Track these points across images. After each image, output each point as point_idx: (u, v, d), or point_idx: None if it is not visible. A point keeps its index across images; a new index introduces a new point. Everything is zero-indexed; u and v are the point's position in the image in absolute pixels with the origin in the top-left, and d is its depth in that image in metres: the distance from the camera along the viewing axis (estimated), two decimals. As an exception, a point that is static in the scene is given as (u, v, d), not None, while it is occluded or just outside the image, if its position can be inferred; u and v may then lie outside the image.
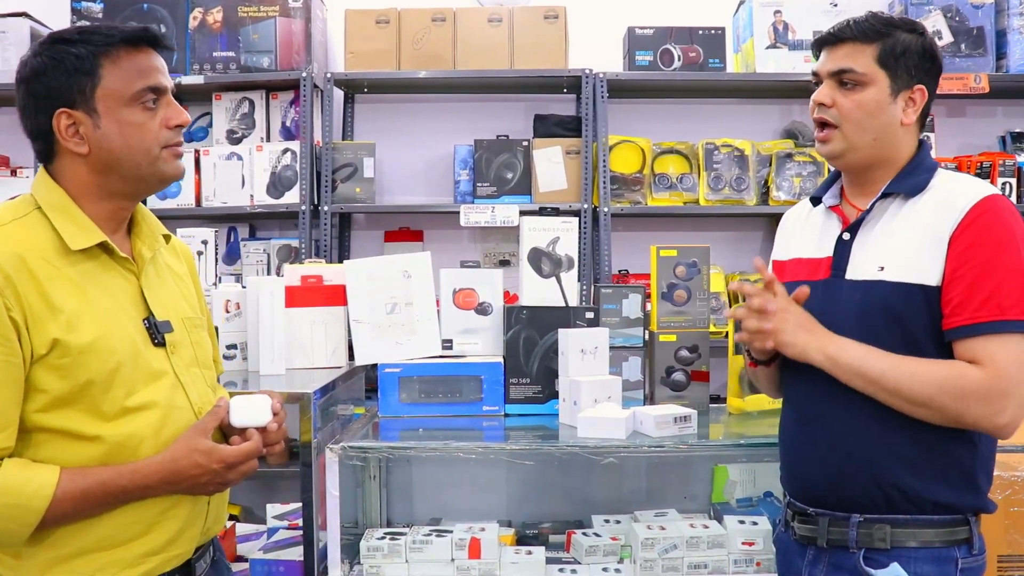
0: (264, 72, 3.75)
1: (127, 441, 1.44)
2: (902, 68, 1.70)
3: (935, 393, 1.59)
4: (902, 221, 1.70)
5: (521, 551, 2.39)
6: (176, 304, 1.61)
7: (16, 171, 3.89)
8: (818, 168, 3.72)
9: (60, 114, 1.46)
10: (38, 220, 1.45)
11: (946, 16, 3.68)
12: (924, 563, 1.64)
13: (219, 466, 1.47)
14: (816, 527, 1.74)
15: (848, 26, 1.72)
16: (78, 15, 3.82)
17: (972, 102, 4.00)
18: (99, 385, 1.41)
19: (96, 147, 1.47)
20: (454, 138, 3.90)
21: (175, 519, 1.51)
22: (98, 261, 1.49)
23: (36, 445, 1.41)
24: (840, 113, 1.71)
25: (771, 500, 2.71)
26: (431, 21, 3.76)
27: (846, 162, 1.76)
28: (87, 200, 1.49)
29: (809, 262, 1.82)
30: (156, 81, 1.50)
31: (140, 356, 1.48)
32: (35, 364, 1.38)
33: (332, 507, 2.23)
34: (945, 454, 1.65)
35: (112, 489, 1.41)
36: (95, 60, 1.46)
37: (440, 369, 2.58)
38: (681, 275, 2.61)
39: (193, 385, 1.57)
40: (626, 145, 3.75)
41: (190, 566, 1.57)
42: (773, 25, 3.73)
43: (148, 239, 1.60)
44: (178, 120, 1.52)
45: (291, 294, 2.59)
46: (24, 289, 1.37)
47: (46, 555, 1.42)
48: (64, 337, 1.38)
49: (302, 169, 3.72)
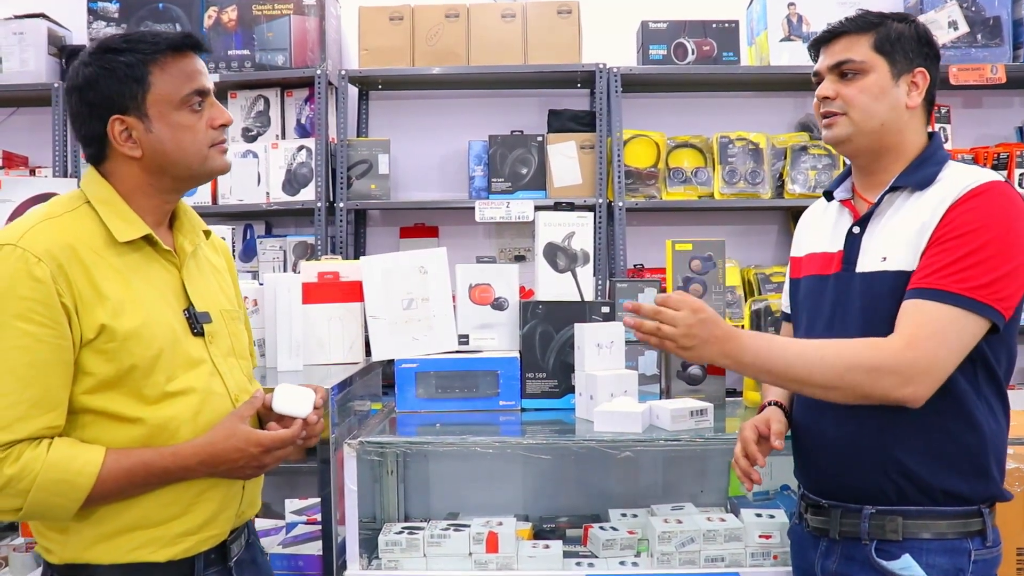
0: (279, 70, 3.77)
1: (167, 424, 1.51)
2: (899, 53, 1.72)
3: (844, 372, 1.58)
4: (907, 213, 1.70)
5: (538, 545, 2.39)
6: (215, 296, 1.68)
7: (35, 171, 3.93)
8: (833, 161, 3.71)
9: (114, 121, 1.53)
10: (87, 213, 1.53)
11: (962, 6, 3.65)
12: (937, 554, 1.64)
13: (256, 450, 1.53)
14: (829, 519, 1.75)
15: (841, 23, 1.76)
16: (94, 15, 3.84)
17: (989, 93, 3.97)
18: (141, 370, 1.48)
19: (149, 150, 1.54)
20: (468, 134, 3.91)
21: (211, 501, 1.56)
22: (142, 253, 1.56)
23: (83, 426, 1.48)
24: (844, 102, 1.73)
25: (787, 493, 2.71)
26: (445, 17, 3.77)
27: (855, 147, 1.76)
28: (135, 197, 1.57)
29: (822, 256, 1.83)
30: (201, 84, 1.58)
31: (180, 344, 1.55)
32: (83, 348, 1.45)
33: (350, 502, 2.24)
34: (952, 442, 1.65)
35: (153, 469, 1.48)
36: (144, 68, 1.53)
37: (456, 364, 2.59)
38: (696, 269, 2.61)
39: (230, 373, 1.64)
40: (640, 139, 3.75)
41: (225, 547, 1.63)
42: (787, 17, 3.72)
43: (189, 234, 1.68)
44: (222, 120, 1.60)
45: (308, 291, 2.61)
46: (74, 276, 1.44)
47: (91, 532, 1.49)
48: (110, 323, 1.45)
49: (317, 166, 3.74)
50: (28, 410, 1.40)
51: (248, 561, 1.72)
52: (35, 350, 1.40)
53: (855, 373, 1.57)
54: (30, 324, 1.40)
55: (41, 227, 1.46)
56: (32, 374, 1.40)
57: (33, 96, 3.93)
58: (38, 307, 1.40)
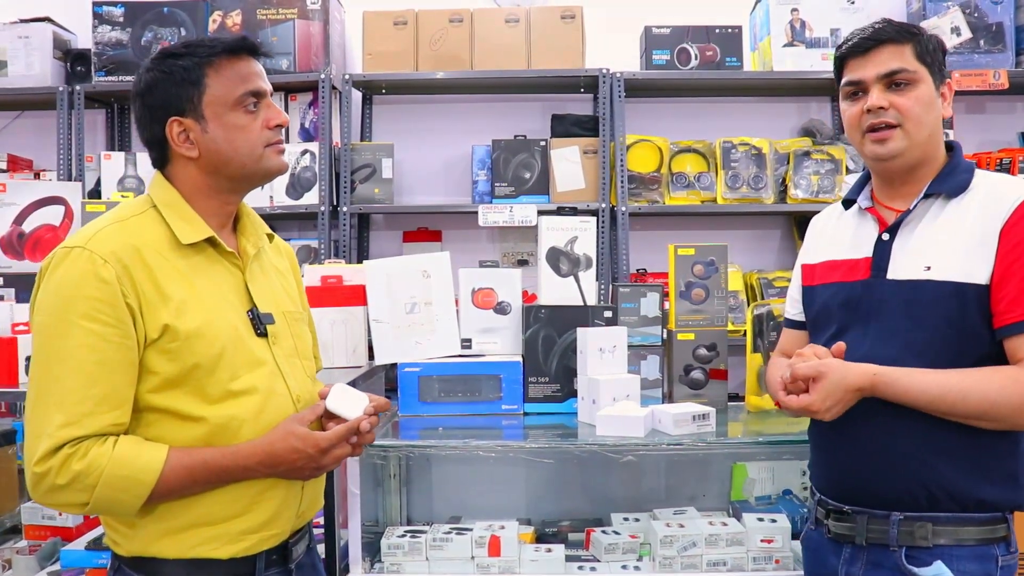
0: (283, 74, 3.78)
1: (229, 423, 1.53)
2: (935, 63, 1.71)
3: (990, 408, 1.58)
4: (946, 221, 1.69)
5: (541, 549, 2.40)
6: (278, 298, 1.71)
7: (39, 174, 3.95)
8: (836, 166, 3.71)
9: (172, 122, 1.57)
10: (153, 217, 1.57)
11: (965, 12, 3.66)
12: (967, 561, 1.63)
13: (314, 451, 1.55)
14: (854, 525, 1.72)
15: (882, 28, 1.71)
16: (99, 19, 3.86)
17: (991, 98, 3.98)
18: (204, 369, 1.51)
19: (205, 150, 1.58)
20: (472, 138, 3.91)
21: (272, 500, 1.58)
22: (206, 255, 1.60)
23: (147, 424, 1.51)
24: (901, 112, 1.69)
25: (790, 498, 2.71)
26: (448, 22, 3.78)
27: (904, 160, 1.72)
28: (198, 199, 1.61)
29: (844, 263, 1.80)
30: (255, 86, 1.62)
31: (243, 343, 1.58)
32: (148, 347, 1.49)
33: (353, 505, 2.24)
34: (990, 450, 1.64)
35: (214, 468, 1.50)
36: (200, 71, 1.57)
37: (459, 368, 2.59)
38: (699, 274, 2.62)
39: (292, 374, 1.66)
40: (643, 144, 3.76)
41: (287, 549, 1.65)
42: (790, 23, 3.73)
43: (252, 237, 1.71)
44: (277, 120, 1.64)
45: (311, 294, 2.60)
46: (139, 278, 1.48)
47: (156, 527, 1.52)
48: (174, 323, 1.49)
49: (321, 170, 3.75)
50: (95, 407, 1.43)
51: (308, 565, 1.74)
52: (101, 349, 1.44)
53: (1002, 409, 1.59)
54: (96, 324, 1.44)
55: (109, 230, 1.51)
56: (99, 372, 1.43)
57: (38, 100, 3.94)
58: (104, 307, 1.44)
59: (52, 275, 1.47)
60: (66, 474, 1.41)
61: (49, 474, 1.41)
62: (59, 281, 1.46)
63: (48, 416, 1.42)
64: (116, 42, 3.86)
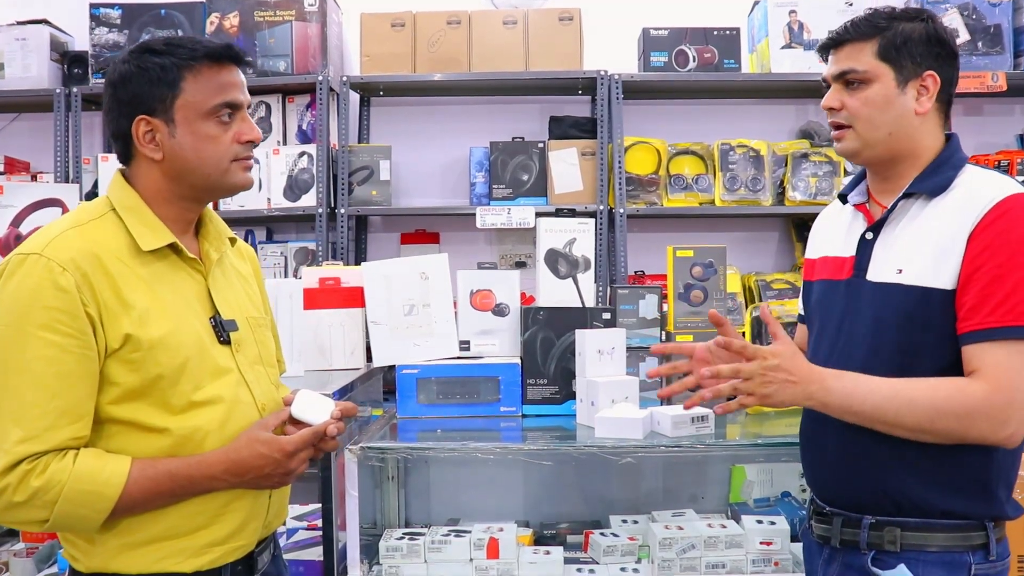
0: (280, 76, 3.77)
1: (193, 434, 1.49)
2: (906, 58, 1.67)
3: (936, 417, 1.54)
4: (923, 222, 1.65)
5: (539, 551, 2.40)
6: (241, 304, 1.66)
7: (36, 176, 3.94)
8: (834, 168, 3.71)
9: (139, 120, 1.52)
10: (112, 221, 1.52)
11: (963, 14, 3.67)
12: (934, 567, 1.60)
13: (280, 455, 1.51)
14: (830, 527, 1.73)
15: (847, 28, 1.70)
16: (97, 21, 3.85)
17: (989, 100, 3.99)
18: (168, 379, 1.47)
19: (170, 154, 1.53)
20: (470, 140, 3.91)
21: (238, 511, 1.55)
22: (167, 261, 1.55)
23: (108, 436, 1.46)
24: (849, 113, 1.69)
25: (788, 500, 2.71)
26: (446, 24, 3.78)
27: (864, 159, 1.73)
28: (158, 203, 1.55)
29: (835, 261, 1.79)
30: (233, 97, 1.55)
31: (206, 352, 1.53)
32: (108, 358, 1.44)
33: (351, 508, 2.24)
34: (957, 464, 1.60)
35: (179, 479, 1.46)
36: (177, 72, 1.52)
37: (457, 370, 2.59)
38: (697, 275, 2.62)
39: (257, 382, 1.62)
40: (641, 146, 3.76)
41: (252, 558, 1.62)
42: (788, 25, 3.73)
43: (215, 241, 1.66)
44: (250, 136, 1.58)
45: (309, 296, 2.61)
46: (99, 286, 1.43)
47: (117, 541, 1.47)
48: (136, 332, 1.44)
49: (319, 172, 3.75)
50: (54, 421, 1.38)
51: (274, 574, 1.71)
52: (61, 360, 1.39)
53: (947, 419, 1.54)
54: (55, 334, 1.39)
55: (66, 236, 1.45)
56: (58, 385, 1.39)
57: (35, 102, 3.93)
58: (63, 317, 1.39)
59: (7, 283, 1.41)
60: (24, 491, 1.36)
61: (6, 491, 1.36)
62: (15, 290, 1.40)
63: (5, 431, 1.37)
64: (113, 44, 3.85)
